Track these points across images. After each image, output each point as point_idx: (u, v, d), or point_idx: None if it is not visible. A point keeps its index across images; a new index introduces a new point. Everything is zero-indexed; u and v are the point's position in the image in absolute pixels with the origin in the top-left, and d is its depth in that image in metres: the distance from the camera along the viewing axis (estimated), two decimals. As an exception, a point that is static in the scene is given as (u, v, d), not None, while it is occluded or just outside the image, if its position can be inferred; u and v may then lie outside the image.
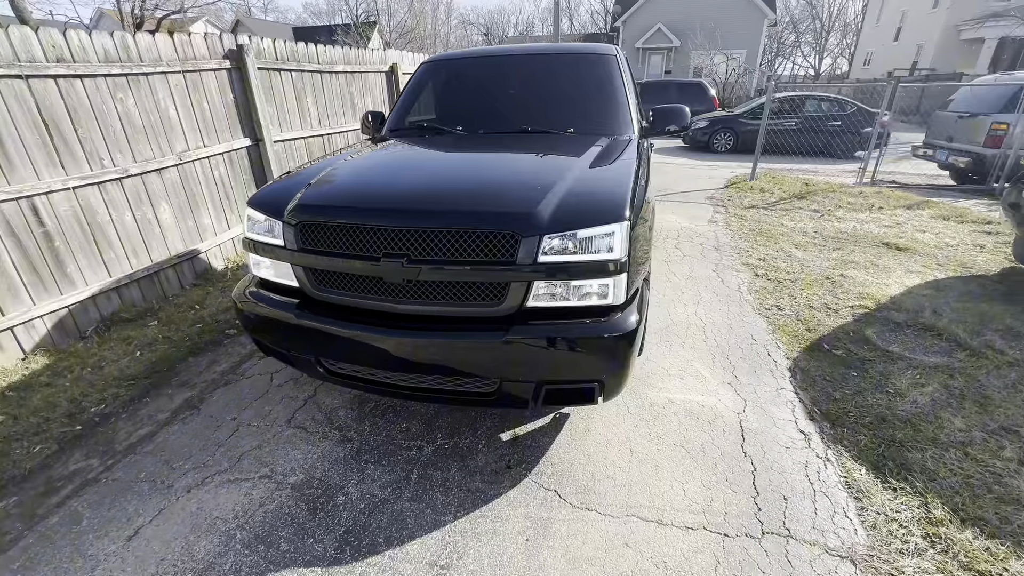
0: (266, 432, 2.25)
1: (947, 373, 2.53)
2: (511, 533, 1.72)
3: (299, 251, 1.98)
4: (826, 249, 4.40)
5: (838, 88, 16.83)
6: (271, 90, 4.54)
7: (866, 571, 1.56)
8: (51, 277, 3.00)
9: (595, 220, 1.79)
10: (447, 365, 1.89)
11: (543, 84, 3.19)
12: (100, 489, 1.98)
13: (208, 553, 1.67)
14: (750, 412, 2.30)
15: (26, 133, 2.81)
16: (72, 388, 2.58)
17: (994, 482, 1.86)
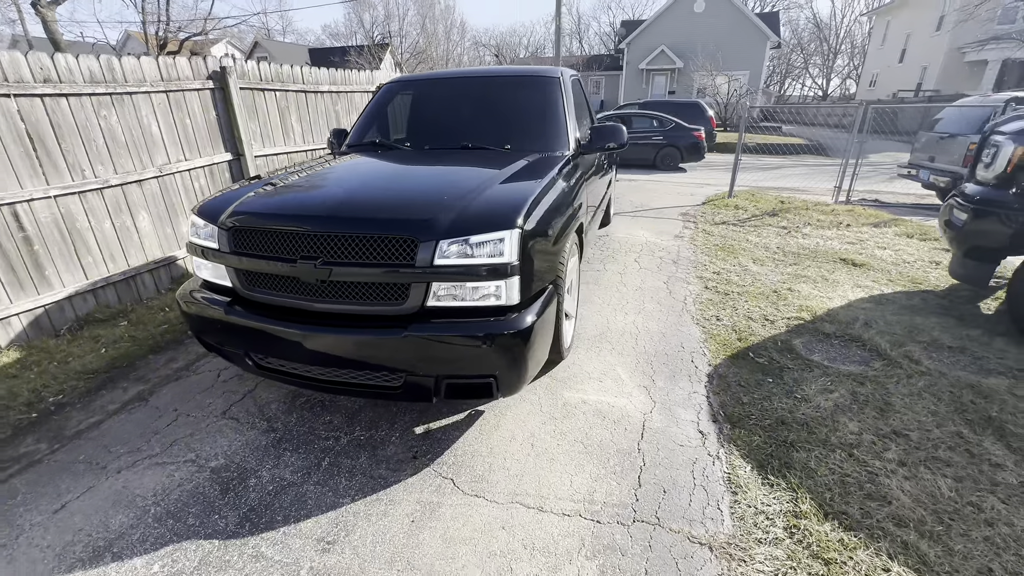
0: (201, 422, 2.42)
1: (858, 381, 2.62)
2: (399, 515, 1.85)
3: (230, 253, 2.17)
4: (783, 264, 4.50)
5: (814, 107, 16.94)
6: (254, 109, 4.83)
7: (720, 557, 1.66)
8: (29, 278, 3.24)
9: (487, 227, 1.96)
10: (356, 359, 2.05)
11: (489, 105, 3.39)
12: (41, 469, 2.16)
13: (121, 525, 1.83)
14: (657, 413, 2.41)
15: (11, 146, 3.08)
16: (36, 380, 2.78)
17: (868, 481, 1.95)
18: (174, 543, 1.75)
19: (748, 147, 15.18)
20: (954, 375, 2.64)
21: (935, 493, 1.87)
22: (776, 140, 15.74)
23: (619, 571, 1.62)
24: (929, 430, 2.23)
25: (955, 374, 2.65)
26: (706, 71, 22.53)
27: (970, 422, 2.27)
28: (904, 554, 1.63)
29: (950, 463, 2.03)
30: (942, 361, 2.80)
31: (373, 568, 1.64)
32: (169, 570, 1.65)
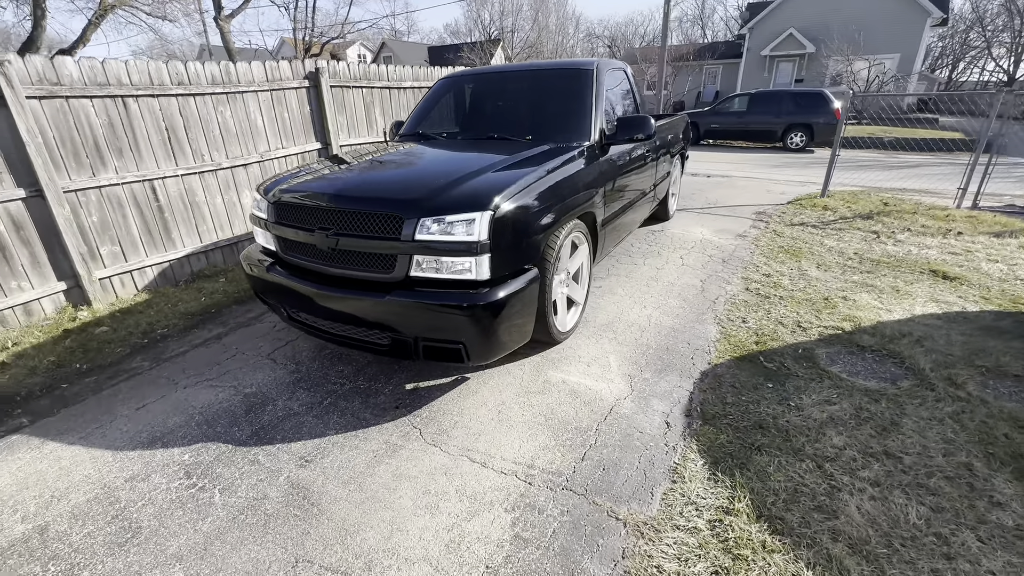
0: (250, 360, 2.99)
1: (872, 398, 2.38)
2: (367, 450, 2.17)
3: (274, 223, 2.66)
4: (852, 271, 4.05)
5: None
6: (343, 104, 5.53)
7: (631, 533, 1.72)
8: (160, 239, 4.17)
9: (462, 208, 2.19)
10: (355, 317, 2.40)
11: (522, 97, 3.58)
12: (140, 379, 2.87)
13: (174, 424, 2.40)
14: (630, 401, 2.45)
15: (153, 135, 3.98)
16: (153, 316, 3.62)
17: (824, 494, 1.84)
18: (202, 442, 2.26)
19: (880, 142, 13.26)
20: (999, 405, 2.27)
21: (898, 518, 1.71)
22: (922, 134, 13.47)
23: (529, 526, 1.76)
24: (931, 457, 1.99)
25: (1001, 405, 2.28)
26: (842, 56, 19.92)
27: (989, 456, 1.98)
28: (823, 566, 1.56)
29: (937, 492, 1.82)
30: (994, 389, 2.41)
31: (331, 485, 1.98)
32: (193, 459, 2.16)
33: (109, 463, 2.16)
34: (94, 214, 3.72)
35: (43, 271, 3.54)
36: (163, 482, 2.04)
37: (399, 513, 1.84)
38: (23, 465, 2.19)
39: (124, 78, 3.73)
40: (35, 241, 3.47)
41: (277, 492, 1.97)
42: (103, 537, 1.80)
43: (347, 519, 1.82)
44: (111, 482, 2.05)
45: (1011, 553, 1.57)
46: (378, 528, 1.78)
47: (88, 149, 3.63)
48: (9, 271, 3.38)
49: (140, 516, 1.88)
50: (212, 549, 1.73)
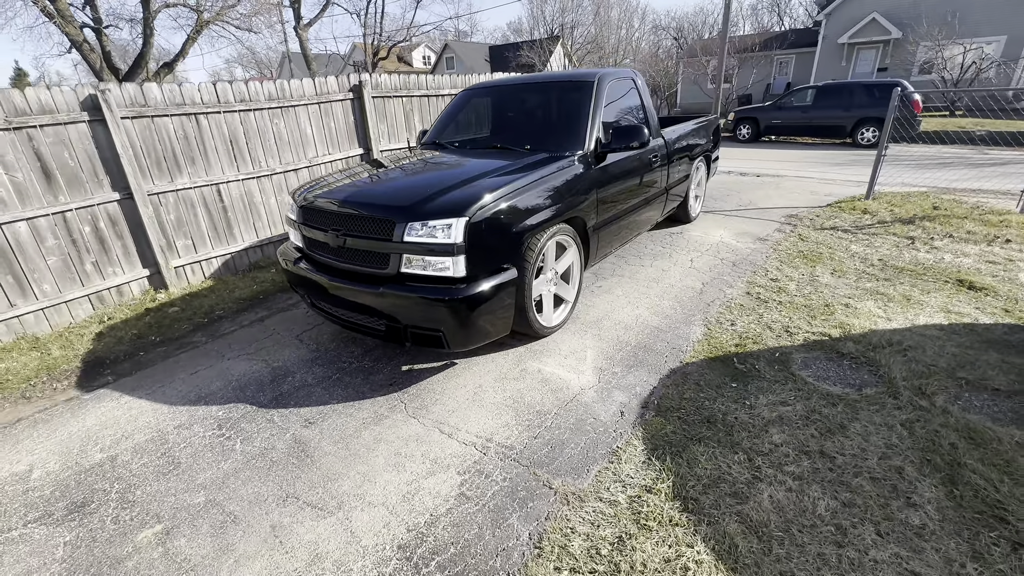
0: (282, 339, 3.53)
1: (830, 402, 2.45)
2: (358, 416, 2.59)
3: (300, 223, 3.15)
4: (867, 278, 3.95)
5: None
6: (384, 112, 6.06)
7: (559, 500, 1.99)
8: (225, 234, 4.88)
9: (442, 214, 2.53)
10: (358, 306, 2.82)
11: (528, 108, 3.86)
12: (196, 351, 3.48)
13: (215, 388, 2.95)
14: (595, 391, 2.68)
15: (219, 145, 4.67)
16: (213, 300, 4.29)
17: (744, 482, 1.99)
18: (234, 402, 2.78)
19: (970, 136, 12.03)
20: (961, 417, 2.27)
21: (806, 508, 1.85)
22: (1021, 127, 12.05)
23: (474, 487, 2.08)
24: (865, 459, 2.07)
25: (964, 416, 2.28)
26: (933, 41, 18.10)
27: (926, 462, 2.03)
28: (716, 540, 1.74)
29: (855, 490, 1.92)
30: (965, 402, 2.39)
31: (324, 443, 2.41)
32: (225, 415, 2.67)
33: (164, 414, 2.73)
34: (171, 213, 4.46)
35: (132, 260, 4.32)
36: (200, 431, 2.57)
37: (372, 468, 2.23)
38: (105, 411, 2.81)
39: (197, 98, 4.43)
40: (126, 235, 4.24)
41: (283, 444, 2.42)
42: (153, 467, 2.33)
43: (331, 469, 2.23)
44: (164, 428, 2.61)
45: (903, 547, 1.68)
46: (353, 478, 2.17)
47: (167, 159, 4.35)
48: (107, 259, 4.17)
49: (181, 454, 2.40)
50: (228, 482, 2.21)
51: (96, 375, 3.25)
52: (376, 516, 1.97)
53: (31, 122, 3.60)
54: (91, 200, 3.98)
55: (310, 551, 1.84)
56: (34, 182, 3.70)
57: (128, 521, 2.04)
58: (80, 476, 2.31)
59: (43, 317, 3.87)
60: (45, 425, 2.73)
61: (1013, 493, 1.85)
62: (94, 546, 1.93)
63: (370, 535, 1.89)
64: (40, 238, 3.78)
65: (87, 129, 3.88)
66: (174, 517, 2.04)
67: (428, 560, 1.77)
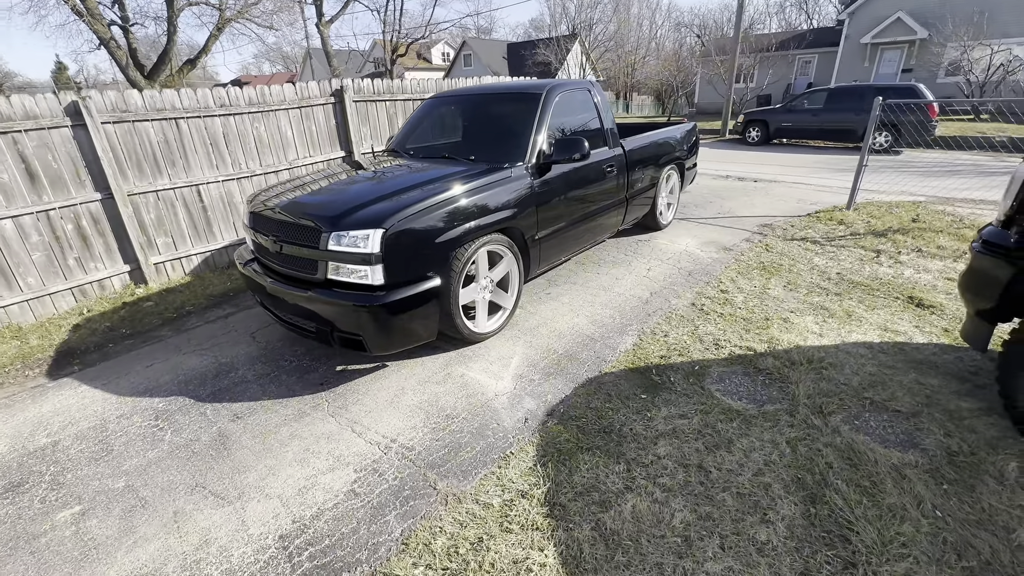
0: (237, 336, 3.73)
1: (728, 417, 2.51)
2: (282, 413, 2.75)
3: (250, 227, 3.33)
4: (816, 293, 3.95)
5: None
6: (367, 116, 6.24)
7: (438, 500, 2.11)
8: (205, 232, 5.13)
9: (361, 225, 2.67)
10: (293, 308, 2.99)
11: (478, 118, 3.98)
12: (159, 344, 3.71)
13: (165, 381, 3.17)
14: (507, 398, 2.79)
15: (199, 148, 4.91)
16: (186, 295, 4.53)
17: (613, 492, 2.08)
18: (175, 395, 2.99)
19: (990, 142, 11.61)
20: (849, 437, 2.31)
21: (662, 519, 1.93)
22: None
23: (365, 484, 2.22)
24: (738, 475, 2.14)
25: (852, 437, 2.31)
26: (959, 41, 17.43)
27: (795, 480, 2.08)
28: (565, 545, 1.84)
29: (717, 504, 1.99)
30: (861, 422, 2.42)
31: (245, 437, 2.58)
32: (164, 407, 2.88)
33: (111, 404, 2.95)
34: (151, 212, 4.72)
35: (113, 256, 4.59)
36: (139, 421, 2.78)
37: (279, 462, 2.39)
38: (62, 400, 3.05)
39: (177, 103, 4.67)
40: (108, 233, 4.51)
41: (207, 437, 2.60)
42: (88, 453, 2.55)
43: (243, 462, 2.41)
44: (107, 417, 2.83)
45: (738, 561, 1.75)
46: (260, 471, 2.34)
47: (148, 161, 4.61)
48: (89, 255, 4.44)
49: (115, 442, 2.61)
50: (149, 470, 2.40)
51: (65, 364, 3.51)
52: (269, 507, 2.13)
53: (16, 127, 3.88)
54: (73, 200, 4.25)
55: (201, 536, 2.01)
56: (19, 182, 3.98)
57: (53, 501, 2.24)
58: (23, 459, 2.53)
59: (28, 308, 4.16)
60: (6, 410, 2.98)
61: (866, 514, 1.89)
62: (18, 523, 2.14)
63: (258, 524, 2.05)
64: (25, 234, 4.06)
65: (70, 133, 4.15)
66: (93, 500, 2.24)
67: (302, 550, 1.92)
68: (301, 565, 1.85)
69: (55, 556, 1.97)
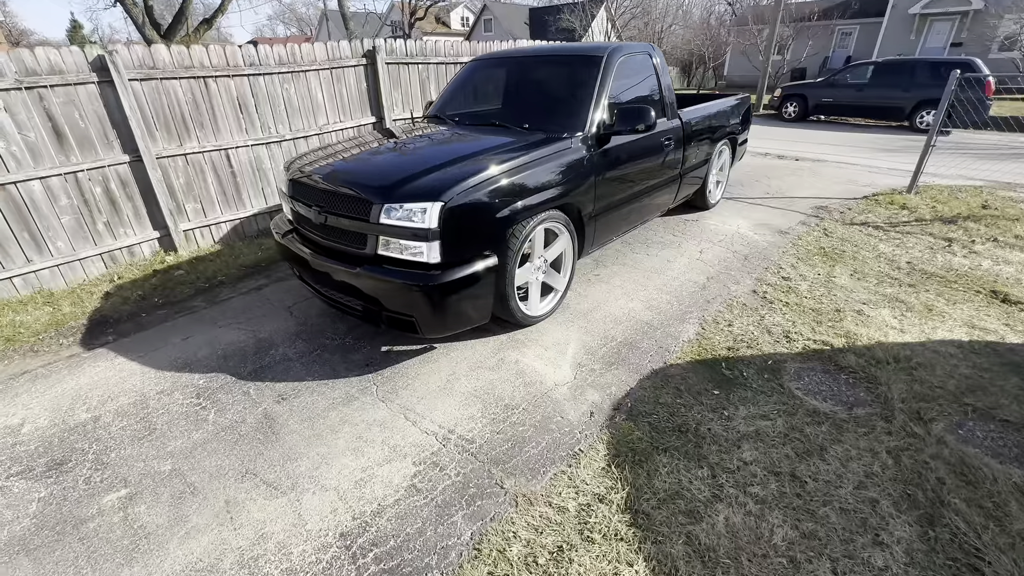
0: (273, 309, 3.57)
1: (815, 420, 2.30)
2: (328, 395, 2.60)
3: (289, 196, 3.11)
4: (888, 283, 3.67)
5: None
6: (398, 80, 5.90)
7: (507, 501, 1.95)
8: (234, 199, 4.94)
9: (418, 197, 2.44)
10: (338, 284, 2.80)
11: (531, 83, 3.67)
12: (194, 316, 3.57)
13: (203, 356, 3.03)
14: (568, 388, 2.60)
15: (228, 110, 4.66)
16: (217, 265, 4.38)
17: (701, 500, 1.90)
18: (216, 372, 2.85)
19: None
20: (958, 449, 2.09)
21: (761, 535, 1.75)
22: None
23: (426, 479, 2.07)
24: (838, 487, 1.94)
25: (960, 448, 2.09)
26: (1019, 13, 16.27)
27: (905, 496, 1.88)
28: (657, 561, 1.68)
29: (820, 521, 1.80)
30: (967, 432, 2.20)
31: (292, 420, 2.44)
32: (205, 384, 2.74)
33: (150, 378, 2.83)
34: (181, 177, 4.53)
35: (143, 222, 4.43)
36: (180, 398, 2.65)
37: (332, 450, 2.24)
38: (99, 372, 2.93)
39: (205, 61, 4.40)
40: (136, 197, 4.33)
41: (253, 419, 2.47)
42: (131, 431, 2.42)
43: (293, 448, 2.26)
44: (147, 392, 2.70)
45: (857, 589, 1.57)
46: (312, 459, 2.20)
47: (176, 122, 4.38)
48: (119, 220, 4.29)
49: (158, 420, 2.49)
50: (195, 452, 2.27)
51: (99, 333, 3.39)
52: (326, 500, 1.99)
53: (41, 82, 3.66)
54: (102, 161, 4.06)
55: (257, 530, 1.88)
56: (46, 141, 3.79)
57: (98, 483, 2.13)
58: (64, 434, 2.42)
59: (58, 273, 4.04)
60: (44, 380, 2.87)
61: (996, 542, 1.69)
62: (63, 504, 2.03)
63: (316, 519, 1.91)
64: (53, 197, 3.90)
65: (96, 90, 3.93)
66: (139, 483, 2.12)
67: (367, 551, 1.78)
68: (367, 568, 1.71)
69: (104, 544, 1.85)
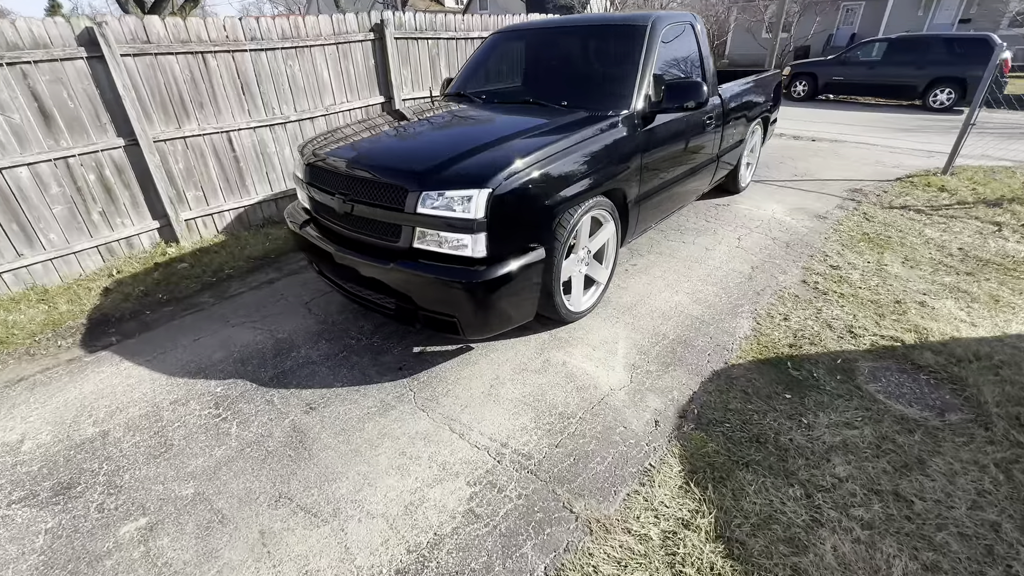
0: (290, 306, 3.30)
1: (905, 428, 2.09)
2: (363, 405, 2.36)
3: (307, 183, 2.82)
4: (945, 271, 3.45)
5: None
6: (407, 56, 5.54)
7: (580, 528, 1.73)
8: (237, 186, 4.62)
9: (461, 184, 2.17)
10: (366, 280, 2.53)
11: (567, 57, 3.36)
12: (202, 314, 3.30)
13: (217, 359, 2.77)
14: (625, 393, 2.38)
15: (229, 89, 4.31)
16: (224, 257, 4.08)
17: (801, 527, 1.69)
18: (234, 378, 2.59)
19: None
20: (1072, 461, 1.89)
21: (878, 569, 1.55)
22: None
23: (485, 503, 1.84)
24: (951, 507, 1.74)
25: (1076, 460, 1.89)
26: (1032, -12, 15.86)
27: (1029, 519, 1.68)
28: (768, 602, 1.47)
29: (940, 549, 1.60)
30: (1075, 440, 2.00)
31: (325, 434, 2.20)
32: (224, 392, 2.49)
33: (162, 386, 2.57)
34: (180, 162, 4.20)
35: (141, 211, 4.11)
36: (197, 408, 2.39)
37: (374, 469, 2.01)
38: (104, 378, 2.67)
39: (203, 34, 4.04)
40: (134, 184, 4.01)
41: (280, 432, 2.22)
42: (145, 448, 2.18)
43: (329, 467, 2.03)
44: (159, 402, 2.45)
45: (1004, 635, 1.37)
46: (352, 479, 1.96)
47: (174, 102, 4.04)
48: (115, 210, 3.97)
49: (174, 435, 2.24)
50: (220, 473, 2.03)
51: (100, 334, 3.12)
52: (374, 530, 1.76)
53: (25, 57, 3.31)
54: (94, 146, 3.73)
55: (299, 566, 1.65)
56: (32, 124, 3.45)
57: (113, 510, 1.89)
58: (70, 452, 2.17)
59: (52, 268, 3.74)
60: (43, 388, 2.61)
61: None
62: (75, 537, 1.79)
63: (366, 553, 1.68)
64: (43, 185, 3.57)
65: (85, 67, 3.57)
66: (160, 510, 1.88)
67: (428, 591, 1.56)
68: (433, 613, 1.49)
69: (125, 585, 1.62)
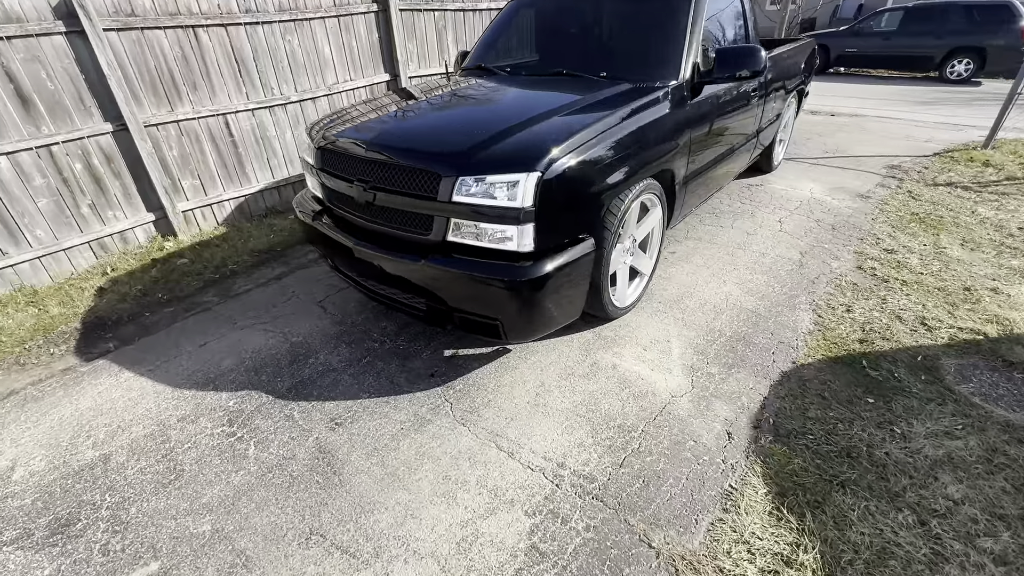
0: (303, 305, 3.03)
1: (1015, 437, 1.85)
2: (395, 420, 2.10)
3: (319, 169, 2.52)
4: (1009, 253, 3.19)
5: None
6: (413, 30, 5.15)
7: (664, 567, 1.50)
8: (237, 173, 4.29)
9: (504, 167, 1.88)
10: (392, 278, 2.25)
11: (602, 23, 3.02)
12: (208, 314, 3.02)
13: (227, 367, 2.50)
14: (688, 400, 2.13)
15: (224, 67, 3.96)
16: (226, 251, 3.78)
17: (924, 562, 1.46)
18: (247, 389, 2.33)
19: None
20: None
21: (1027, 615, 1.32)
22: None
23: (549, 537, 1.60)
24: (1092, 535, 1.50)
25: None
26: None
27: None
28: (906, 662, 1.24)
29: (1093, 589, 1.37)
30: None
31: (355, 454, 1.95)
32: (237, 406, 2.23)
33: (167, 400, 2.31)
34: (174, 148, 3.86)
35: (134, 202, 3.80)
36: (208, 426, 2.14)
37: (416, 497, 1.76)
38: (102, 391, 2.41)
39: (193, 7, 3.67)
40: (125, 174, 3.68)
41: (305, 454, 1.97)
42: (152, 475, 1.92)
43: (364, 495, 1.78)
44: (166, 420, 2.19)
45: None
46: (393, 510, 1.72)
47: (165, 83, 3.69)
48: (106, 202, 3.65)
49: (184, 459, 1.98)
50: (239, 504, 1.78)
51: (97, 340, 2.84)
52: (424, 574, 1.52)
53: (-5, 32, 2.96)
54: (79, 132, 3.39)
55: (342, 621, 1.41)
56: (9, 108, 3.11)
57: (119, 552, 1.64)
58: (68, 481, 1.92)
59: (40, 267, 3.44)
60: (35, 405, 2.35)
61: None
62: (77, 587, 1.55)
63: (418, 603, 1.44)
64: (25, 176, 3.25)
65: (64, 43, 3.22)
66: (174, 552, 1.63)
67: (497, 652, 1.32)
68: None
69: (139, 648, 1.38)
